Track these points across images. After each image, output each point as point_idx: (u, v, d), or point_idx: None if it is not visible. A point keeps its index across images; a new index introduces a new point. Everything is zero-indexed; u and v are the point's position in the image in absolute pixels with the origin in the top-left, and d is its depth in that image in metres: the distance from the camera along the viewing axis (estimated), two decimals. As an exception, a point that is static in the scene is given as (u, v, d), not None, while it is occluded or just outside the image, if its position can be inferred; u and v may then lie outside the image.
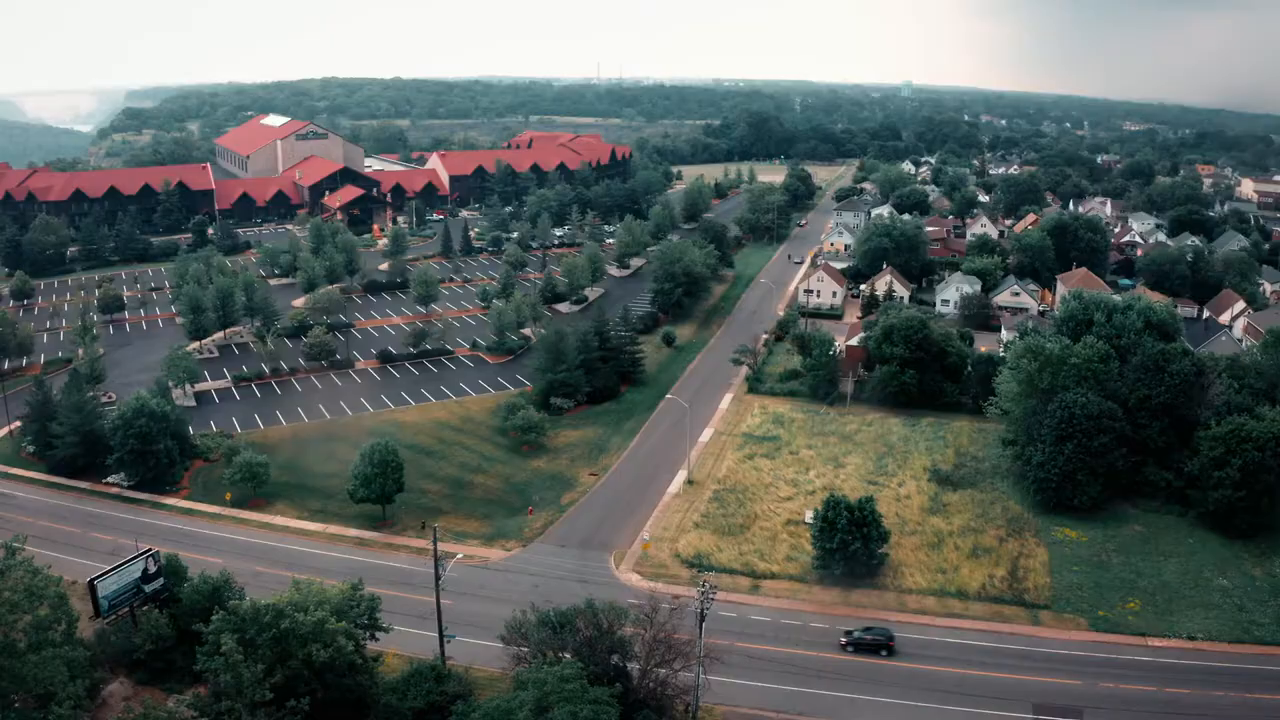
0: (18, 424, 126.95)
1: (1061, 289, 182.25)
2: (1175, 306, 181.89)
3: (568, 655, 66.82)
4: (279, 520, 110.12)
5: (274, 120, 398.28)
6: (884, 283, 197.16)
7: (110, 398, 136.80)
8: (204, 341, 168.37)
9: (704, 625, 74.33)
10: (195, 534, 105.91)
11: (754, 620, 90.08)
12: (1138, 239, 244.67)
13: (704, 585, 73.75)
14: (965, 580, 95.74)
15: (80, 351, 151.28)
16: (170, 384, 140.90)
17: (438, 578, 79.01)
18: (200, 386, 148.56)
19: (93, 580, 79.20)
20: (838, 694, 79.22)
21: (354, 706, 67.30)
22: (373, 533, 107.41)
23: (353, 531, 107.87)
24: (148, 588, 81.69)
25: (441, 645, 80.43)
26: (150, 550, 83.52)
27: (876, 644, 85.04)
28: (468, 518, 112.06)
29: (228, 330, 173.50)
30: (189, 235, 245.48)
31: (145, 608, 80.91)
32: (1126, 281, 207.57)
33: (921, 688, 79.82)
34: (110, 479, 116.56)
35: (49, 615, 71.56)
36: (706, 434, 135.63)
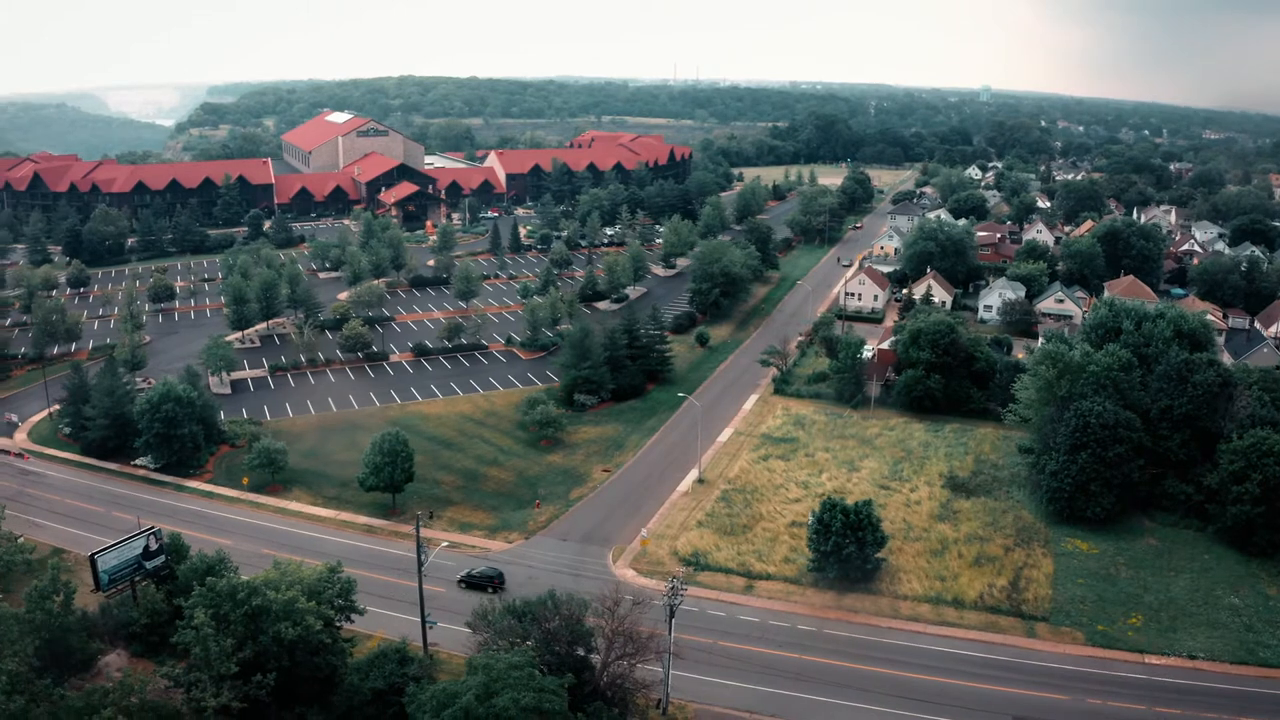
0: (57, 406, 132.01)
1: (1107, 297, 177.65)
2: (1226, 316, 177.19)
3: (530, 644, 67.63)
4: (293, 505, 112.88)
5: (337, 117, 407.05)
6: (924, 287, 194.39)
7: (150, 383, 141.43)
8: (247, 331, 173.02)
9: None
10: (212, 516, 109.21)
11: (742, 620, 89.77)
12: (1197, 248, 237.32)
13: (673, 581, 73.93)
14: (963, 588, 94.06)
15: (125, 339, 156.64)
16: (209, 371, 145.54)
17: (420, 564, 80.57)
18: (236, 375, 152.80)
19: (93, 555, 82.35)
20: (814, 697, 78.58)
21: (323, 684, 69.00)
22: (381, 520, 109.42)
23: (362, 519, 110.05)
24: (149, 564, 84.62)
25: (424, 631, 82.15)
26: (152, 528, 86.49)
27: (487, 581, 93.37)
28: (476, 509, 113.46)
29: (271, 321, 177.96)
30: (246, 228, 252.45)
31: (144, 583, 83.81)
32: (1179, 291, 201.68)
33: (900, 695, 78.78)
34: (138, 461, 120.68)
35: (48, 585, 75.07)
36: (726, 434, 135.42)
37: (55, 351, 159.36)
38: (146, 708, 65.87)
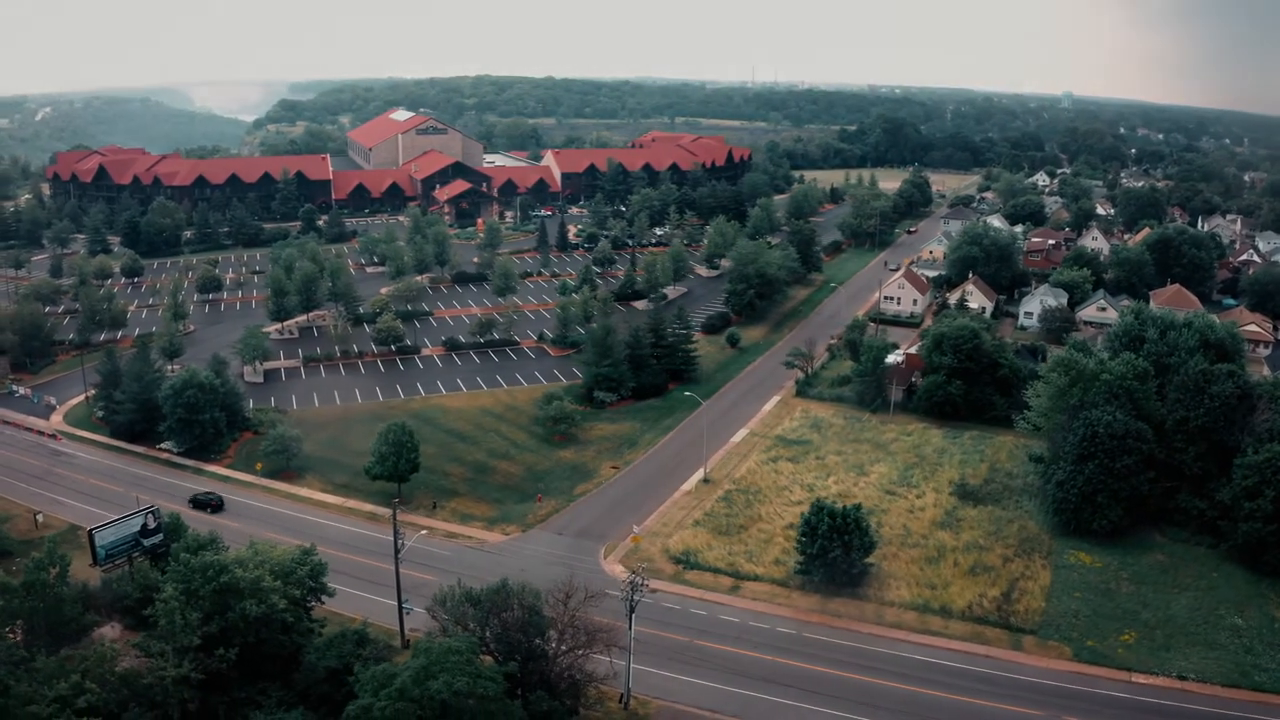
0: (93, 391, 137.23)
1: (1154, 305, 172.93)
2: (1276, 328, 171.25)
3: (487, 632, 68.70)
4: (303, 492, 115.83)
5: (400, 115, 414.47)
6: (960, 292, 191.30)
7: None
8: (286, 323, 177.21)
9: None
10: (226, 499, 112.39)
11: (722, 620, 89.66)
12: (1256, 258, 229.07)
13: (632, 577, 74.32)
14: (953, 598, 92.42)
15: (165, 327, 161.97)
16: (242, 360, 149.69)
17: (396, 551, 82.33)
18: (271, 364, 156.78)
19: (92, 530, 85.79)
20: (779, 700, 78.12)
21: (286, 661, 71.03)
22: (385, 509, 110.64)
23: (368, 506, 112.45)
24: (146, 542, 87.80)
25: (400, 616, 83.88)
26: (151, 506, 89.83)
27: (207, 502, 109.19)
28: (479, 501, 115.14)
29: (311, 314, 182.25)
30: (300, 223, 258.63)
31: (141, 559, 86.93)
32: (1231, 301, 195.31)
33: (868, 702, 77.87)
34: (162, 445, 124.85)
35: (44, 558, 78.46)
36: (740, 434, 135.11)
37: (101, 338, 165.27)
38: (119, 676, 68.56)
